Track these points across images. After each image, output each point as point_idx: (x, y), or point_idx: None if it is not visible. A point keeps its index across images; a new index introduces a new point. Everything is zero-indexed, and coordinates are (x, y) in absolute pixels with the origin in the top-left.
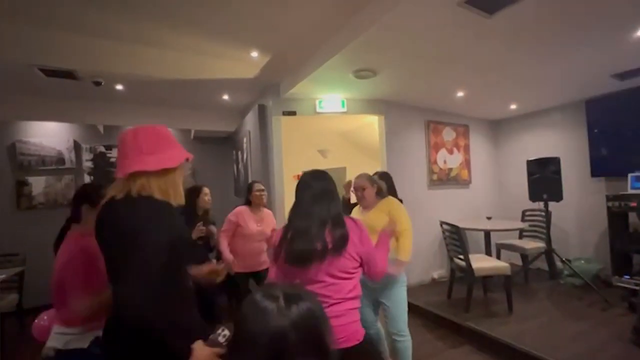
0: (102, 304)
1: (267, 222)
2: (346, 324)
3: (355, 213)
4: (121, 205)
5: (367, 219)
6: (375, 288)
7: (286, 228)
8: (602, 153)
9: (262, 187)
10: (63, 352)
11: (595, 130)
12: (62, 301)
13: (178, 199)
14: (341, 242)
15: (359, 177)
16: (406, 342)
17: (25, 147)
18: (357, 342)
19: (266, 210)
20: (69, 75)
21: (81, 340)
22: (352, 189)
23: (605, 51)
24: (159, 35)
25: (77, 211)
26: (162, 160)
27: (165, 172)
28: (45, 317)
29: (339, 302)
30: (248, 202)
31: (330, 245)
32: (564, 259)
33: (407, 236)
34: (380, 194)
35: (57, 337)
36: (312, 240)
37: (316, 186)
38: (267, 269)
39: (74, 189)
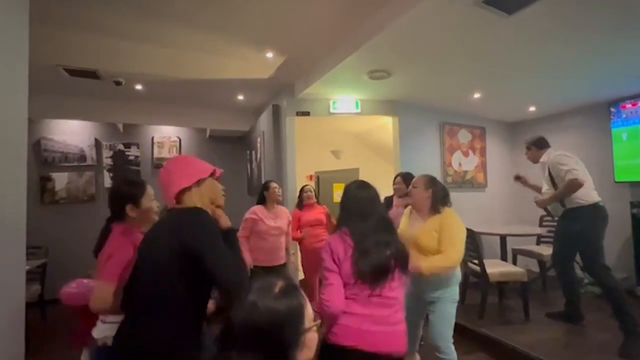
0: None
1: (283, 218)
2: (404, 329)
3: (405, 217)
4: (184, 212)
5: (414, 231)
6: (426, 300)
7: (351, 245)
8: None
9: (277, 185)
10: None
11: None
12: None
13: (208, 208)
14: (405, 257)
15: (420, 175)
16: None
17: (49, 144)
18: (404, 350)
19: (280, 207)
20: (91, 75)
21: None
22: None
23: (634, 50)
24: (177, 36)
25: (122, 211)
26: (194, 174)
27: (197, 184)
28: (74, 285)
29: (400, 309)
30: (262, 201)
31: (397, 261)
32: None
33: (443, 258)
34: (435, 206)
35: (112, 327)
36: (385, 255)
37: (369, 201)
38: (284, 264)
39: (94, 185)
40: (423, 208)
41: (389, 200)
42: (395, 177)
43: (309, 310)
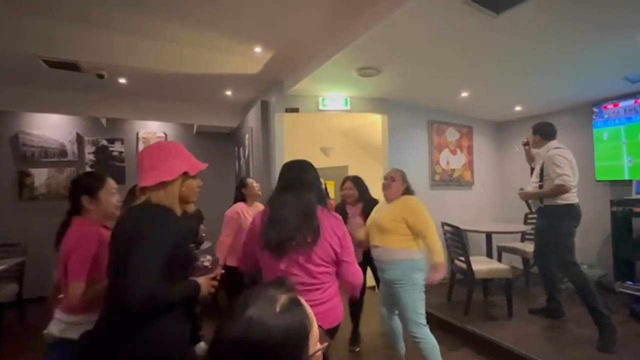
0: (98, 295)
1: None
2: (334, 306)
3: (379, 206)
4: (134, 210)
5: (377, 215)
6: (389, 287)
7: (265, 215)
8: None
9: (253, 180)
10: (56, 339)
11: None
12: (65, 287)
13: (176, 208)
14: (314, 235)
15: (393, 169)
16: (422, 343)
17: (28, 139)
18: (338, 322)
19: (257, 204)
20: (72, 67)
21: (74, 331)
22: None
23: (617, 52)
24: (163, 28)
25: (77, 203)
26: (160, 174)
27: (163, 184)
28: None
29: (330, 286)
30: (242, 199)
31: (306, 238)
32: None
33: (431, 235)
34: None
35: (55, 323)
36: (287, 231)
37: (291, 176)
38: None
39: None
40: (395, 198)
41: (341, 209)
42: (343, 182)
43: (314, 331)
